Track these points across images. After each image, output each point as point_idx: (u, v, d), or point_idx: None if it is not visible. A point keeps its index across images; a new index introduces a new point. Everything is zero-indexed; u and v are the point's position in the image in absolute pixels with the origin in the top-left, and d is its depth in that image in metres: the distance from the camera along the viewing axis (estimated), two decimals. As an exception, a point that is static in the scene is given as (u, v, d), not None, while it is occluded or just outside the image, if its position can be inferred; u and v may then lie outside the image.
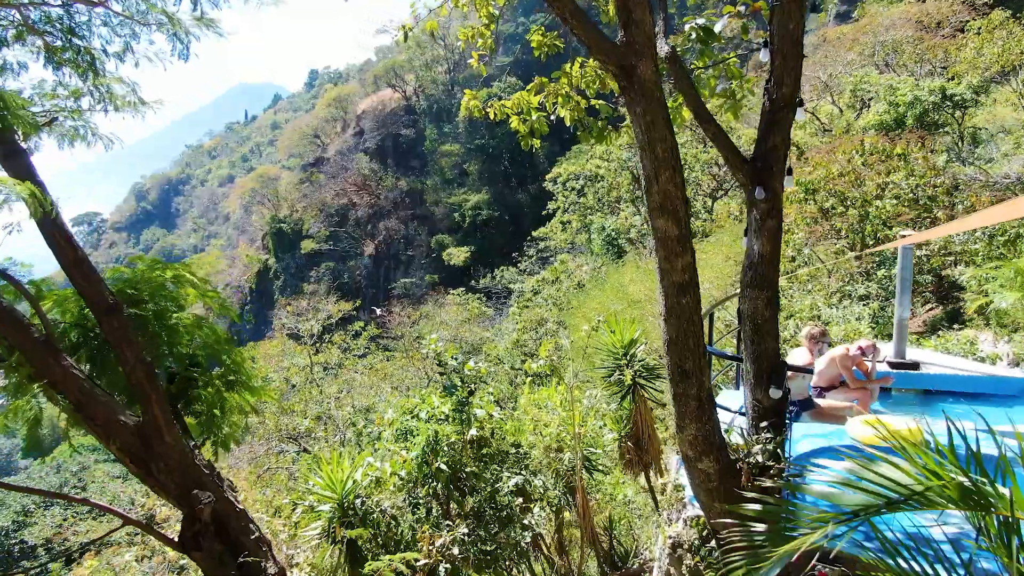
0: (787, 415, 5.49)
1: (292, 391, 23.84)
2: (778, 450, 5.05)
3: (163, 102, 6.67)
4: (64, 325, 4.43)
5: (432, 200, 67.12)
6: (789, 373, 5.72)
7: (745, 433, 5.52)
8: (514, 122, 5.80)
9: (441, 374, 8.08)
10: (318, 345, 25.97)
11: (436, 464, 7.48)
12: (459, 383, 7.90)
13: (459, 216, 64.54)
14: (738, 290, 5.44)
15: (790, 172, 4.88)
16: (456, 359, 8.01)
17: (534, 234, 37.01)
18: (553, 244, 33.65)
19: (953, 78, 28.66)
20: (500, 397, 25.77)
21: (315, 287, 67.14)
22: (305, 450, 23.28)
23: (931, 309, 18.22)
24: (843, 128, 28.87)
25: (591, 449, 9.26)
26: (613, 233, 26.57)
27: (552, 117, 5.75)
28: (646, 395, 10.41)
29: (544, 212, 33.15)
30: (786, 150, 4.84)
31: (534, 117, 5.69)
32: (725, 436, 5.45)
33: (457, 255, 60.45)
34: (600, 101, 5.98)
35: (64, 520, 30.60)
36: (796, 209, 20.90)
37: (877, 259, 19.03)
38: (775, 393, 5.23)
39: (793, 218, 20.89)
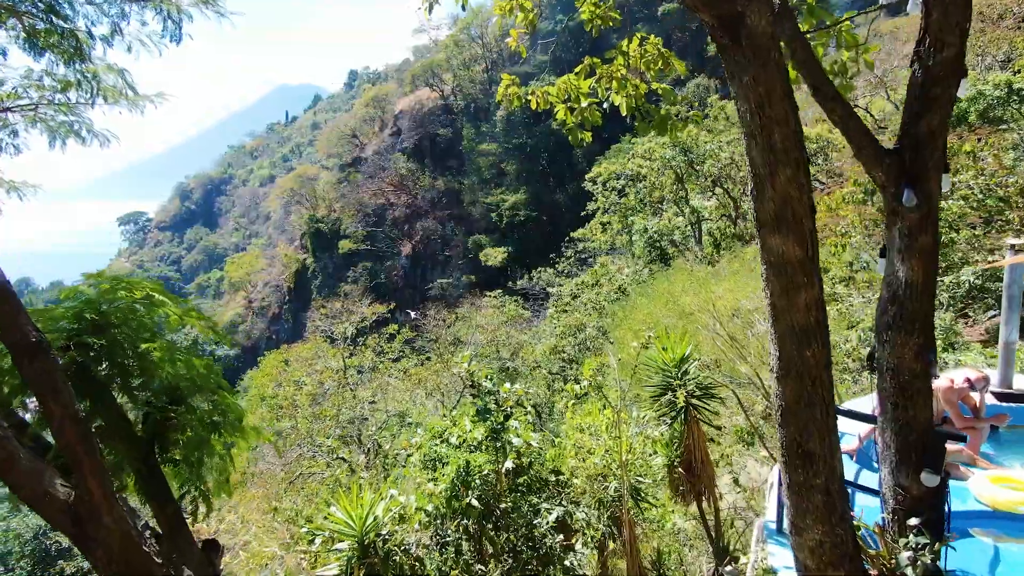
0: (945, 506, 4.02)
1: (324, 396, 23.28)
2: (937, 564, 3.65)
3: (165, 95, 5.94)
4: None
5: (469, 200, 66.51)
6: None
7: (886, 532, 4.05)
8: (560, 112, 4.87)
9: (474, 396, 7.24)
10: (351, 348, 25.39)
11: (467, 499, 6.66)
12: (493, 407, 7.07)
13: (496, 216, 63.81)
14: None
15: (947, 169, 3.54)
16: (490, 379, 7.16)
17: (573, 235, 35.99)
18: (593, 246, 32.63)
19: (1019, 71, 26.93)
20: (537, 403, 24.97)
21: (352, 287, 67.12)
22: (340, 457, 22.78)
23: (994, 317, 16.86)
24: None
25: (639, 478, 8.35)
26: (655, 235, 25.53)
27: (605, 105, 4.80)
28: (699, 417, 9.49)
29: (583, 213, 32.17)
30: (944, 138, 3.56)
31: (584, 104, 4.74)
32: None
33: (494, 256, 59.74)
34: (663, 86, 4.98)
35: None
36: (854, 210, 19.65)
37: (943, 264, 17.68)
38: (930, 479, 3.88)
39: (850, 220, 19.64)
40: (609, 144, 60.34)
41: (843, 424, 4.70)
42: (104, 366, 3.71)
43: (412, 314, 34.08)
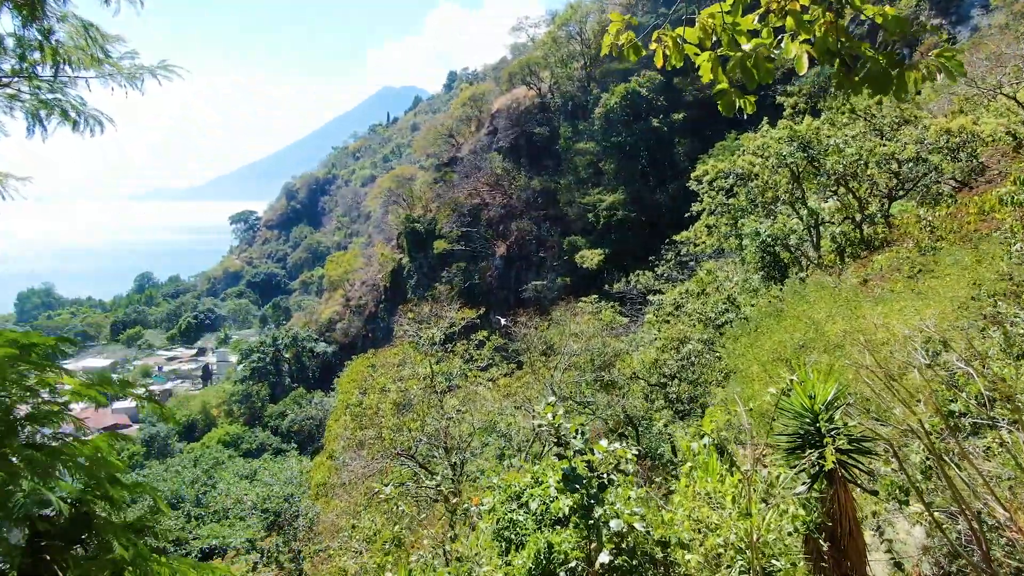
0: None
1: (409, 406, 22.22)
2: None
3: (170, 66, 4.61)
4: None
5: (565, 200, 64.84)
6: None
7: None
8: (704, 69, 3.16)
9: (560, 457, 5.61)
10: (439, 354, 24.27)
11: (549, 595, 5.07)
12: (585, 471, 5.42)
13: (593, 217, 61.92)
14: None
15: None
16: (581, 432, 5.51)
17: (676, 238, 33.66)
18: (697, 249, 30.25)
19: None
20: (634, 415, 23.07)
21: (444, 288, 66.80)
22: (423, 467, 21.73)
23: None
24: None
25: (774, 562, 6.49)
26: (769, 239, 23.08)
27: (775, 53, 3.03)
28: (848, 477, 7.53)
29: (687, 214, 29.91)
30: None
31: (748, 48, 2.94)
32: None
33: (590, 257, 57.88)
34: (885, 7, 3.00)
35: (188, 521, 31.24)
36: (1014, 213, 16.77)
37: None
38: None
39: (1010, 224, 16.79)
40: (712, 142, 57.45)
41: None
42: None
43: (502, 320, 32.78)
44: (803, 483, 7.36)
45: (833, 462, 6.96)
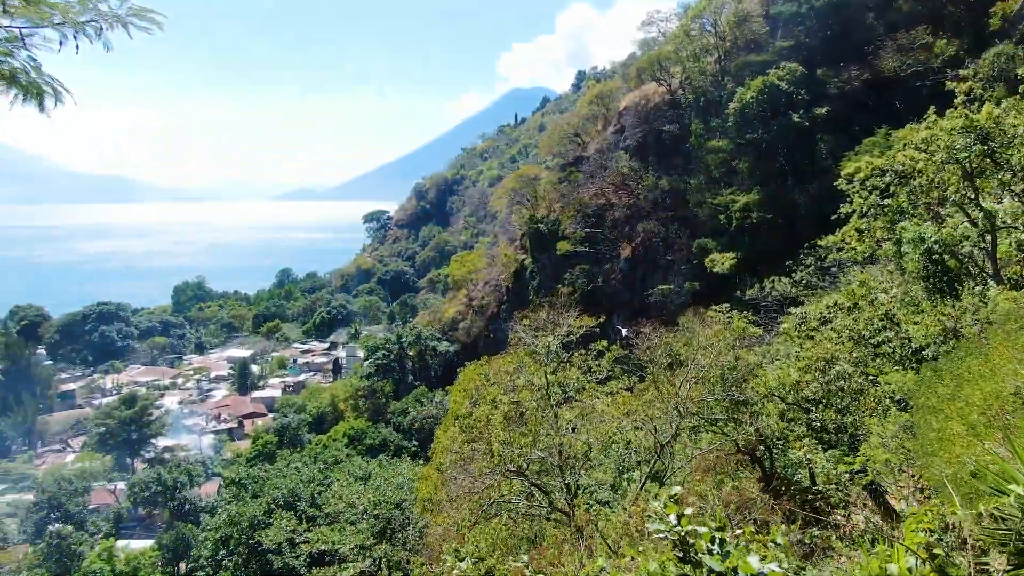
0: None
1: (521, 419, 20.94)
2: None
3: (144, 10, 3.43)
4: None
5: (695, 201, 61.64)
6: None
7: None
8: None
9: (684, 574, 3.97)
10: (555, 364, 22.89)
11: None
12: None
13: (725, 218, 58.42)
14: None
15: None
16: (718, 545, 3.82)
17: (819, 243, 30.38)
18: (844, 255, 26.97)
19: None
20: (767, 435, 20.67)
21: (567, 289, 65.39)
22: (536, 485, 20.40)
23: None
24: None
25: None
26: (936, 246, 19.98)
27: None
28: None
29: (835, 216, 26.84)
30: None
31: None
32: None
33: (721, 261, 54.61)
34: None
35: (299, 524, 31.51)
36: None
37: None
38: None
39: None
40: (860, 138, 52.65)
41: None
42: None
43: (624, 331, 30.99)
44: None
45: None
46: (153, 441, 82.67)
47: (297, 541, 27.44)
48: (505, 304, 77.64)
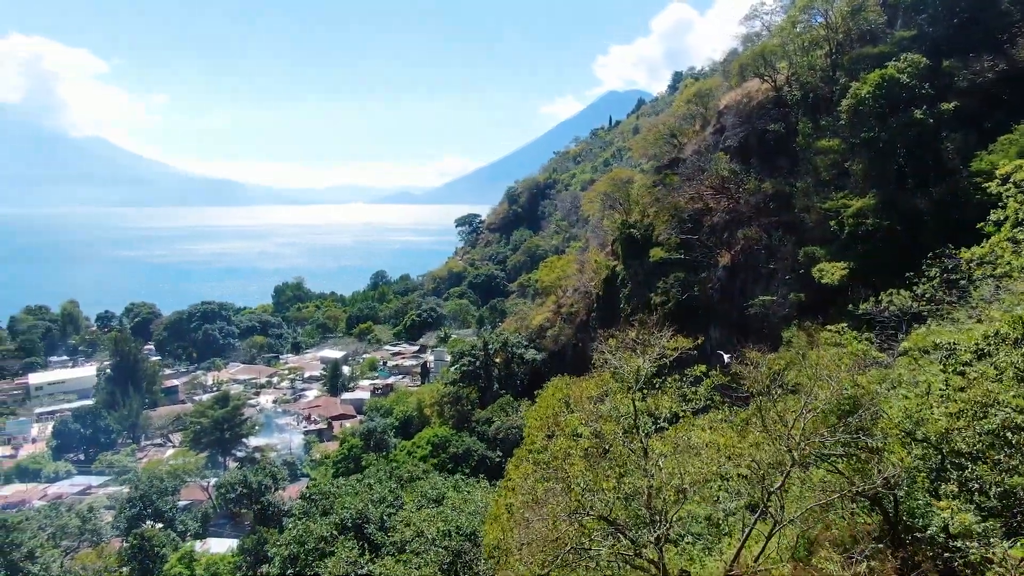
0: None
1: (604, 454, 18.42)
2: None
3: None
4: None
5: (802, 205, 56.92)
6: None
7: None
8: None
9: None
10: (644, 391, 20.24)
11: None
12: None
13: (836, 224, 53.49)
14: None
15: None
16: None
17: (963, 255, 26.03)
18: (999, 270, 22.65)
19: None
20: (895, 481, 17.32)
21: (661, 299, 62.06)
22: (621, 532, 17.81)
23: None
24: None
25: None
26: (1120, 261, 16.17)
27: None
28: None
29: (980, 225, 22.85)
30: None
31: None
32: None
33: (831, 271, 49.92)
34: None
35: (360, 556, 29.80)
36: None
37: None
38: None
39: None
40: (994, 135, 46.99)
41: None
42: None
43: (726, 357, 27.88)
44: None
45: None
46: (245, 440, 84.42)
47: (359, 574, 25.72)
48: (595, 312, 74.85)
